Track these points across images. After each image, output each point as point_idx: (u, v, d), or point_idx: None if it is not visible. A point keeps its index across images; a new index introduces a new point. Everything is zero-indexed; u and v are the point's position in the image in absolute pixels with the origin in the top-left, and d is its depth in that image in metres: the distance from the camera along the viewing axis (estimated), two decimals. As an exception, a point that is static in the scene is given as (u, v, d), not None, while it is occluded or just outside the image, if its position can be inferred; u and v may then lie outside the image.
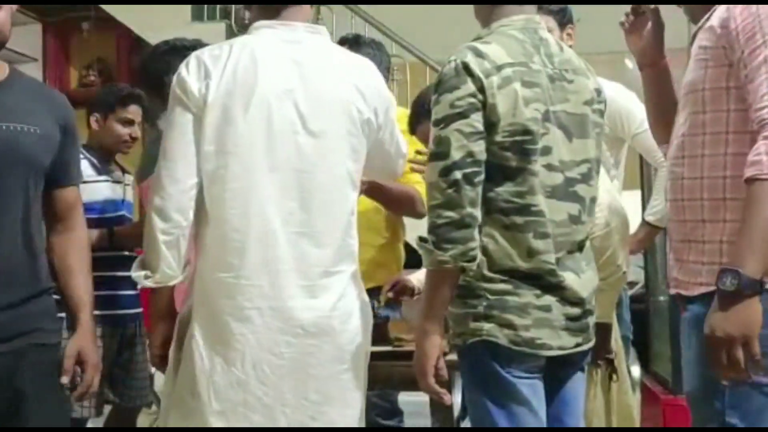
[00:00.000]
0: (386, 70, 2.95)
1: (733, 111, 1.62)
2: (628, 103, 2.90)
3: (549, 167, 1.77)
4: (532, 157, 1.74)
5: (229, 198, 1.80)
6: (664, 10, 1.99)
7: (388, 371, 2.16)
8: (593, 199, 1.89)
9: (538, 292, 1.75)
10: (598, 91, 1.92)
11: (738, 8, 1.61)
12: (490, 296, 1.74)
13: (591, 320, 1.88)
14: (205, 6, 5.51)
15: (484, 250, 1.74)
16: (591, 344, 1.90)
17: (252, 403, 1.78)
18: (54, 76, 6.80)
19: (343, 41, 2.88)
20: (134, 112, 3.05)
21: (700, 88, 1.67)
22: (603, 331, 2.34)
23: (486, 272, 1.74)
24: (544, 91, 1.78)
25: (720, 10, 1.66)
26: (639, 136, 2.90)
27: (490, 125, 1.71)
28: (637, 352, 3.57)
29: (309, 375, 1.80)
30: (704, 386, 1.61)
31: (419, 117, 2.44)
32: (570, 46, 2.79)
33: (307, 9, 1.91)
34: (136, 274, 1.85)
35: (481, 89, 1.70)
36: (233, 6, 5.73)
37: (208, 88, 1.80)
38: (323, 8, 5.87)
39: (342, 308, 1.84)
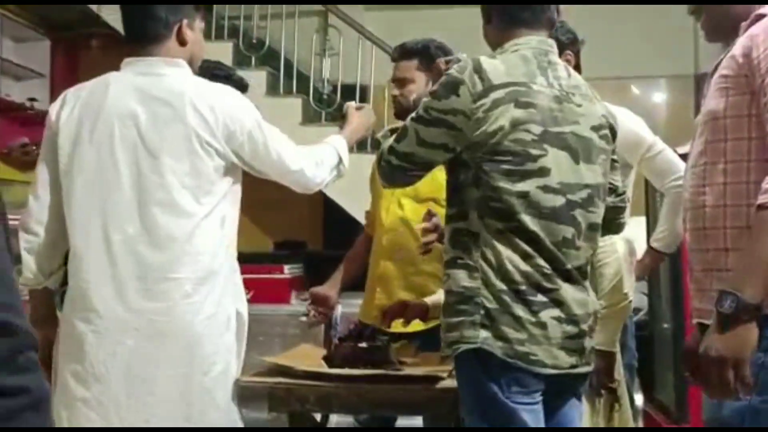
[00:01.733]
0: None
1: (754, 139, 1.62)
2: (636, 128, 2.89)
3: (545, 189, 1.78)
4: (514, 177, 1.76)
5: (75, 214, 2.02)
6: (671, 38, 1.99)
7: (387, 394, 2.14)
8: (591, 226, 1.87)
9: (535, 308, 1.76)
10: (606, 118, 1.92)
11: (761, 37, 1.62)
12: (488, 305, 1.75)
13: (587, 343, 1.86)
14: (213, 25, 5.53)
15: (483, 256, 1.76)
16: (589, 368, 1.88)
17: (90, 401, 1.95)
18: (61, 92, 6.80)
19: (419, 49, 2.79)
20: None
21: (721, 115, 1.67)
22: (607, 359, 2.31)
23: (489, 278, 1.75)
24: (543, 112, 1.78)
25: (743, 39, 1.67)
26: (647, 161, 2.89)
27: (474, 144, 1.77)
28: (640, 379, 3.54)
29: (143, 377, 1.95)
30: (723, 413, 1.60)
31: None
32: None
33: (170, 46, 2.08)
34: None
35: (464, 112, 1.77)
36: (241, 26, 5.77)
37: (60, 114, 2.06)
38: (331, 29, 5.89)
39: (181, 312, 1.97)
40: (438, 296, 2.35)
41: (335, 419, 3.63)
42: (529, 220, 1.76)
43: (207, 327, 2.00)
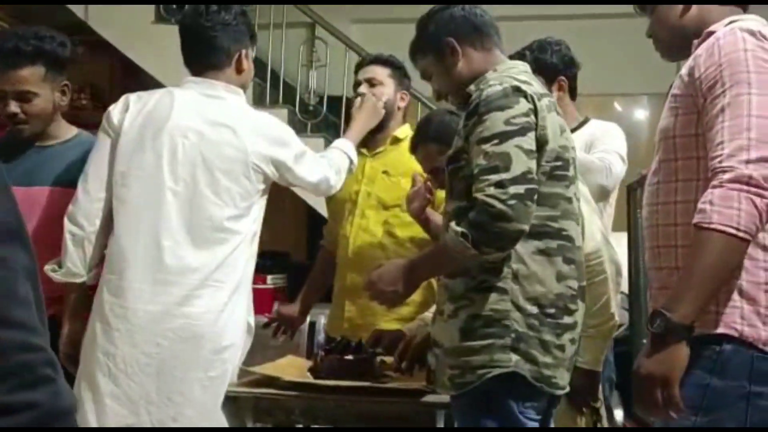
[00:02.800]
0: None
1: (702, 158, 1.63)
2: (607, 137, 2.91)
3: (576, 196, 1.86)
4: (565, 182, 1.80)
5: (127, 215, 2.11)
6: (654, 56, 2.02)
7: (372, 407, 2.15)
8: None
9: (559, 331, 1.78)
10: None
11: (702, 57, 1.64)
12: (519, 328, 1.74)
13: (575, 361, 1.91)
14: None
15: (515, 277, 1.75)
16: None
17: (119, 396, 2.03)
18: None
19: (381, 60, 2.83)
20: None
21: (671, 135, 1.69)
22: (592, 378, 2.33)
23: (519, 301, 1.75)
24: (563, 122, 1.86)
25: (690, 59, 1.69)
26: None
27: (539, 148, 1.75)
28: (620, 394, 3.56)
29: (174, 377, 2.04)
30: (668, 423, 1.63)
31: (423, 138, 2.36)
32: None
33: (229, 73, 2.24)
34: (48, 266, 2.14)
35: (534, 111, 1.74)
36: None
37: (123, 118, 2.15)
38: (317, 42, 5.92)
39: (216, 318, 2.09)
40: (415, 323, 2.37)
41: (317, 430, 3.63)
42: (572, 227, 1.81)
43: (236, 334, 2.15)
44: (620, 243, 3.41)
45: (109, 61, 6.37)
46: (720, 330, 1.55)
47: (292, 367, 2.34)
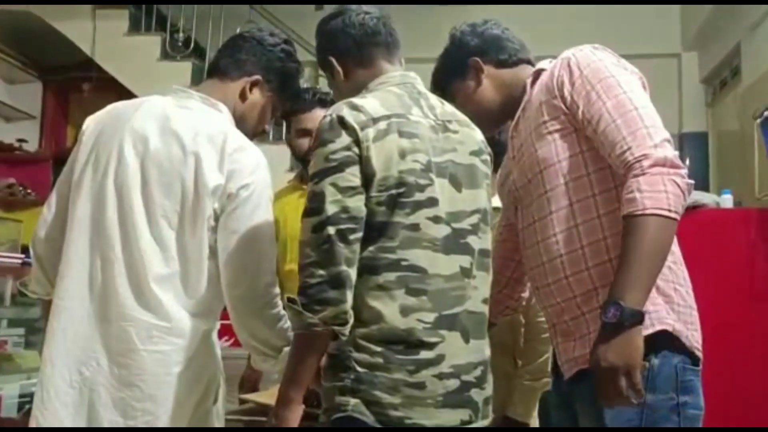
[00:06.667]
0: None
1: (593, 173, 1.65)
2: None
3: (436, 219, 1.69)
4: (406, 209, 1.66)
5: (72, 228, 1.88)
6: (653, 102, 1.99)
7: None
8: (483, 252, 1.79)
9: (412, 368, 1.63)
10: (485, 143, 1.89)
11: (563, 77, 1.70)
12: (359, 369, 1.62)
13: (477, 393, 1.73)
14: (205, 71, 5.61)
15: (357, 315, 1.63)
16: (486, 421, 1.76)
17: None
18: (51, 134, 6.87)
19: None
20: None
21: (554, 161, 1.70)
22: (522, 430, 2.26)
23: (359, 340, 1.63)
24: (425, 142, 1.72)
25: (545, 84, 1.74)
26: None
27: (366, 179, 1.64)
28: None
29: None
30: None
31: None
32: None
33: (231, 88, 1.98)
34: (18, 282, 2.07)
35: (357, 142, 1.64)
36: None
37: (89, 125, 1.96)
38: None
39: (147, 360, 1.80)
40: None
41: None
42: (421, 255, 1.66)
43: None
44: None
45: (115, 98, 6.43)
46: (657, 327, 1.59)
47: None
